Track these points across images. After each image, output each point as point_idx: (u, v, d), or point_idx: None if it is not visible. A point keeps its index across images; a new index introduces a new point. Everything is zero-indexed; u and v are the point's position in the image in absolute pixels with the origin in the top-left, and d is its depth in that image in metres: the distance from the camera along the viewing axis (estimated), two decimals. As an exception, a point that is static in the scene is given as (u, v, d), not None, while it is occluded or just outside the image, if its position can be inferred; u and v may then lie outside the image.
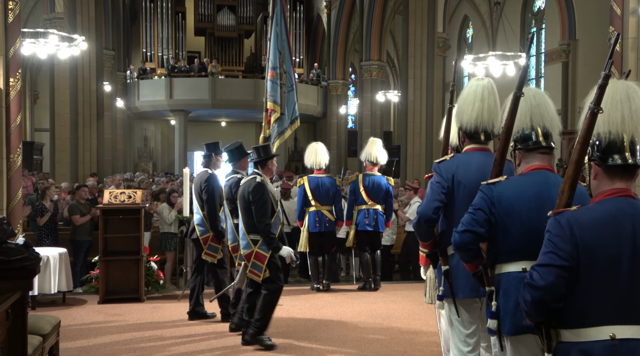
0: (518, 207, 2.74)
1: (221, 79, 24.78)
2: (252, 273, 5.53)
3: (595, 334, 2.15)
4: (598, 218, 2.20)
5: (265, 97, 7.49)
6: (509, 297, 2.73)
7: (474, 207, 2.81)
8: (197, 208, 6.52)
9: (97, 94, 19.20)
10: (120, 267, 7.49)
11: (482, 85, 3.46)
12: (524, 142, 2.85)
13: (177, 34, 27.08)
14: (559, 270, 2.16)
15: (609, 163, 2.23)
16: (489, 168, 3.13)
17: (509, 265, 2.77)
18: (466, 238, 2.78)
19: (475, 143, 3.53)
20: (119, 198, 7.56)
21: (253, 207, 5.44)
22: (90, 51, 17.77)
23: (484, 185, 2.85)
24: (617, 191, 2.24)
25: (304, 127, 30.24)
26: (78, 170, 18.34)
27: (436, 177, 3.51)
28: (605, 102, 2.21)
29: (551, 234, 2.22)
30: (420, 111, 18.16)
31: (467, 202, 3.33)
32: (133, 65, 25.95)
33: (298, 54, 28.08)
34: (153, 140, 28.69)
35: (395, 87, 28.65)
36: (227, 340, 5.86)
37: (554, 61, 19.09)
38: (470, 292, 3.38)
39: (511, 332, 2.72)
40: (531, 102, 2.85)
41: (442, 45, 18.53)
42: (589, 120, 2.21)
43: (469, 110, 3.44)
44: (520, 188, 2.79)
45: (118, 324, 6.42)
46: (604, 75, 2.17)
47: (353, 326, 6.40)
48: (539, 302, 2.19)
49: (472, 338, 3.51)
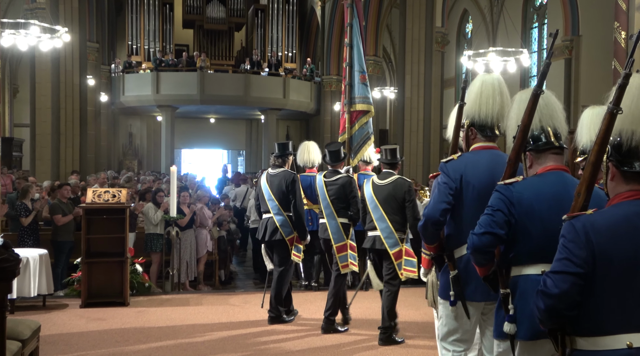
0: (538, 208, 2.74)
1: (210, 74, 24.72)
2: (407, 271, 5.79)
3: (612, 343, 2.14)
4: (614, 222, 2.19)
5: (348, 100, 7.93)
6: (526, 300, 2.72)
7: (492, 208, 2.78)
8: (278, 208, 6.56)
9: (80, 88, 19.09)
10: (104, 269, 7.45)
11: (498, 78, 3.50)
12: (535, 143, 2.86)
13: (165, 26, 26.98)
14: (573, 277, 2.16)
15: (625, 169, 2.22)
16: (499, 168, 3.13)
17: (528, 267, 2.76)
18: (485, 240, 2.75)
19: (485, 141, 3.53)
20: (102, 197, 7.52)
21: (409, 204, 5.80)
22: (73, 43, 17.67)
23: (501, 185, 2.84)
24: (634, 193, 2.23)
25: (296, 124, 30.25)
26: (60, 167, 18.25)
27: (443, 177, 3.49)
28: (631, 99, 2.19)
29: (566, 239, 2.21)
30: (417, 109, 18.18)
31: (476, 204, 3.34)
32: (118, 59, 25.83)
33: (291, 49, 28.07)
34: (139, 136, 28.57)
35: (392, 84, 28.65)
36: (212, 340, 5.85)
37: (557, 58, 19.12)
38: (480, 296, 3.39)
39: (527, 337, 2.71)
40: (540, 102, 2.84)
41: (440, 41, 18.57)
42: (608, 121, 2.19)
43: (489, 104, 3.45)
44: (539, 189, 2.78)
45: (101, 329, 6.38)
46: (625, 74, 2.15)
47: (347, 332, 6.38)
48: (552, 310, 2.18)
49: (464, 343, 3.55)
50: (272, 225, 6.57)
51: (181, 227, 9.13)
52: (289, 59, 27.99)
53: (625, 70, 2.16)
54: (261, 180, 6.85)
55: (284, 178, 6.58)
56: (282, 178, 6.59)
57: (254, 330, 6.44)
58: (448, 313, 3.54)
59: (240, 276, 11.82)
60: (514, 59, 15.36)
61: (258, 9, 27.63)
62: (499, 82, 3.49)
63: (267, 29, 27.57)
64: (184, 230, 9.30)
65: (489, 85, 3.47)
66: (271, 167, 6.89)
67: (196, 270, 9.78)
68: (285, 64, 27.38)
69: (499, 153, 3.51)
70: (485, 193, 3.17)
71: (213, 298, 8.10)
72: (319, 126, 27.04)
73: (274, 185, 6.60)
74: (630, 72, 2.16)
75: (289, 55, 28.01)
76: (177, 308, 7.40)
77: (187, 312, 7.19)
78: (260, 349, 5.77)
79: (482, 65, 15.24)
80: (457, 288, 3.43)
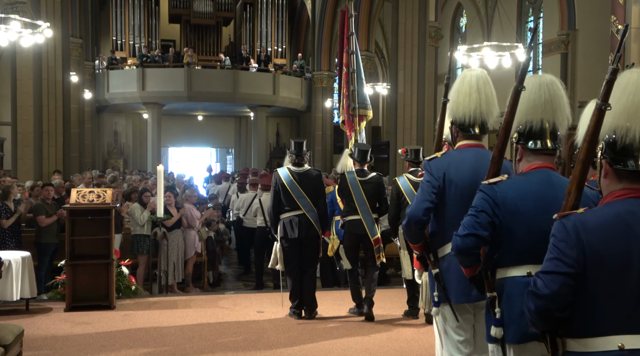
0: (523, 209, 2.74)
1: (198, 70, 24.67)
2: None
3: (603, 344, 2.15)
4: (605, 221, 2.19)
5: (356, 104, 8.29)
6: (513, 303, 2.73)
7: (476, 209, 2.78)
8: (310, 206, 6.95)
9: (63, 85, 18.97)
10: (89, 272, 7.43)
11: (477, 75, 3.47)
12: (529, 140, 2.85)
13: (150, 21, 26.90)
14: (564, 277, 2.16)
15: (618, 167, 2.22)
16: (483, 166, 3.13)
17: (513, 269, 2.77)
18: (469, 242, 2.76)
19: (469, 139, 3.54)
20: (87, 197, 7.49)
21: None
22: (55, 39, 17.58)
23: (484, 184, 2.84)
24: (627, 192, 2.22)
25: (286, 121, 30.22)
26: (42, 167, 18.14)
27: (426, 175, 3.51)
28: (627, 96, 2.19)
29: (556, 239, 2.21)
30: (410, 105, 18.21)
31: (459, 202, 3.36)
32: (102, 55, 25.73)
33: (280, 44, 28.06)
34: (124, 135, 28.47)
35: (385, 80, 28.73)
36: (201, 344, 5.84)
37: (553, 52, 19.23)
38: (462, 297, 3.40)
39: (516, 340, 2.72)
40: (538, 94, 2.84)
41: (434, 35, 18.59)
42: (596, 117, 2.20)
43: (465, 102, 3.44)
44: (523, 189, 2.78)
45: (86, 333, 6.36)
46: (612, 70, 2.16)
47: (339, 334, 6.40)
48: (543, 311, 2.18)
49: (465, 345, 3.52)
50: (306, 221, 6.92)
51: (168, 227, 9.11)
52: (278, 54, 27.98)
53: (613, 65, 2.17)
54: (283, 178, 7.00)
55: (315, 176, 7.09)
56: (312, 176, 7.05)
57: (244, 332, 6.44)
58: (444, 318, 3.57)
59: (229, 278, 11.81)
60: (509, 53, 15.40)
61: (246, 3, 27.61)
62: (478, 78, 3.46)
63: (255, 23, 27.55)
64: (171, 230, 9.27)
65: (467, 83, 3.46)
66: (292, 165, 7.09)
67: (184, 272, 9.76)
68: (274, 59, 27.36)
69: (484, 151, 3.52)
70: (468, 192, 3.19)
71: (202, 300, 8.09)
72: (309, 123, 27.04)
73: (304, 182, 6.96)
74: (617, 68, 2.16)
75: (278, 51, 28.00)
76: (165, 311, 7.39)
77: (175, 315, 7.18)
78: (250, 352, 5.77)
79: (477, 60, 15.28)
80: (441, 287, 3.46)
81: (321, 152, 25.53)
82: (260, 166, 24.11)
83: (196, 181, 18.44)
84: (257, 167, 23.75)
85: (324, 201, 7.18)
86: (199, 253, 10.12)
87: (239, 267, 12.55)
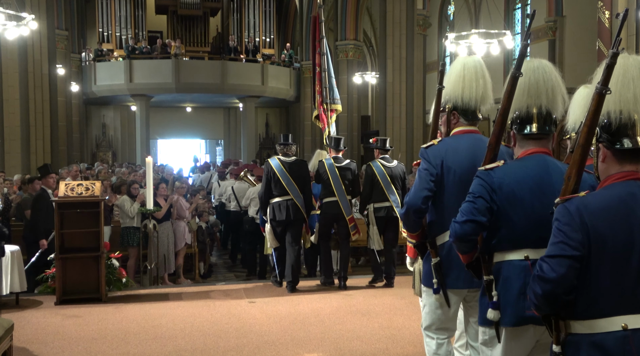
0: (520, 194, 2.76)
1: (185, 61, 24.53)
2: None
3: (607, 325, 2.18)
4: (608, 203, 2.21)
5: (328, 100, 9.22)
6: (509, 286, 2.76)
7: (473, 195, 2.80)
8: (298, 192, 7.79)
9: (50, 78, 18.83)
10: (79, 265, 7.40)
11: (479, 61, 3.52)
12: (524, 125, 2.86)
13: (137, 13, 26.69)
14: (570, 260, 2.18)
15: (617, 147, 2.24)
16: (480, 152, 3.14)
17: (510, 253, 2.79)
18: (468, 228, 2.78)
19: (467, 125, 3.55)
20: (75, 190, 7.45)
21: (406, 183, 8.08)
22: (41, 31, 17.40)
23: (481, 170, 2.86)
24: (627, 174, 2.25)
25: (275, 112, 30.14)
26: (30, 160, 18.02)
27: (424, 163, 3.49)
28: (616, 80, 2.21)
29: (560, 223, 2.23)
30: (400, 94, 18.21)
31: (457, 189, 3.36)
32: (89, 47, 25.53)
33: (268, 34, 27.92)
34: (112, 127, 28.29)
35: (373, 69, 28.64)
36: (192, 335, 5.84)
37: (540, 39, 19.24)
38: (462, 283, 3.41)
39: (512, 323, 2.75)
40: (529, 79, 2.84)
41: (422, 23, 18.57)
42: (596, 102, 2.21)
43: (472, 87, 3.45)
44: (520, 174, 2.80)
45: (77, 326, 6.35)
46: (612, 54, 2.17)
47: (331, 323, 6.42)
48: (551, 295, 2.20)
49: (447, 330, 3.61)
50: (294, 206, 7.77)
51: (158, 219, 9.08)
52: (266, 44, 27.85)
53: (613, 49, 2.17)
54: (275, 167, 7.82)
55: (302, 166, 8.04)
56: (300, 166, 7.98)
57: (236, 323, 6.44)
58: (432, 301, 3.57)
59: (220, 269, 11.81)
60: (497, 41, 15.39)
61: (234, -7, 27.44)
62: (480, 64, 3.50)
63: (243, 13, 27.39)
64: (161, 222, 9.25)
65: (472, 68, 3.47)
66: (282, 155, 7.97)
67: (175, 264, 9.75)
68: (263, 49, 27.23)
69: (480, 137, 3.53)
70: (466, 179, 3.19)
71: (193, 291, 8.09)
72: (299, 113, 26.99)
73: (292, 171, 7.82)
74: (617, 51, 2.17)
75: (266, 41, 27.87)
76: (156, 303, 7.38)
77: (166, 307, 7.17)
78: (242, 343, 5.78)
79: (465, 48, 15.26)
80: (440, 276, 3.46)
81: (311, 141, 25.49)
82: (250, 157, 24.06)
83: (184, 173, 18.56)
84: (247, 157, 23.73)
85: (309, 188, 7.99)
86: (189, 245, 10.11)
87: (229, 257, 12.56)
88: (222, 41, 27.80)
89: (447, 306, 3.50)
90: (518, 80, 2.82)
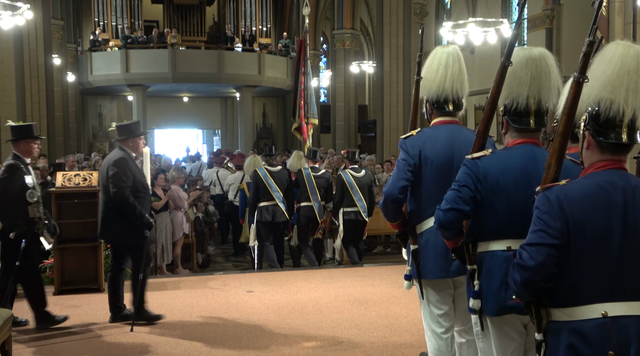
0: (504, 184, 2.77)
1: (182, 51, 24.45)
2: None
3: (587, 312, 2.19)
4: (587, 192, 2.22)
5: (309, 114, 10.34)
6: (492, 276, 2.79)
7: (459, 183, 2.82)
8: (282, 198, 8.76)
9: (46, 68, 18.76)
10: (77, 255, 7.40)
11: (447, 52, 3.51)
12: (514, 117, 2.85)
13: (132, 2, 26.51)
14: (548, 248, 2.19)
15: (601, 139, 2.23)
16: (459, 142, 3.18)
17: (493, 243, 2.81)
18: (451, 216, 2.81)
19: (443, 116, 3.57)
20: (73, 180, 7.44)
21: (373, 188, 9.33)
22: (36, 21, 17.33)
23: (468, 159, 2.86)
24: (608, 163, 2.25)
25: (272, 101, 30.08)
26: (27, 151, 17.96)
27: (402, 154, 3.55)
28: (612, 69, 2.20)
29: (540, 211, 2.24)
30: (397, 83, 18.18)
31: (435, 179, 3.41)
32: (84, 37, 25.40)
33: (265, 23, 27.80)
34: (109, 117, 28.19)
35: (370, 58, 28.59)
36: (190, 325, 5.87)
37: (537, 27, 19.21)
38: (439, 272, 3.46)
39: (494, 312, 2.78)
40: (531, 71, 2.82)
41: (419, 12, 18.50)
42: (574, 90, 2.22)
43: (434, 79, 3.49)
44: (506, 164, 2.81)
45: (76, 316, 6.36)
46: (588, 42, 2.17)
47: (329, 312, 6.45)
48: (529, 283, 2.22)
49: (445, 319, 3.60)
50: (279, 210, 8.72)
51: (156, 210, 9.07)
52: (263, 33, 27.73)
53: (589, 37, 2.18)
54: (262, 176, 8.70)
55: (286, 175, 8.97)
56: (284, 175, 8.92)
57: (234, 312, 6.47)
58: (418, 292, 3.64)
59: (218, 259, 11.83)
60: (494, 29, 15.36)
61: (230, -18, 27.29)
62: (448, 54, 3.49)
63: (239, 2, 27.25)
64: (159, 213, 9.25)
65: (436, 60, 3.50)
66: (268, 165, 8.99)
67: (173, 254, 9.76)
68: (259, 39, 27.13)
69: (459, 127, 3.55)
70: (444, 169, 3.27)
71: (191, 281, 8.10)
72: (296, 103, 26.89)
73: (278, 179, 8.77)
74: (594, 40, 2.18)
75: (263, 30, 27.75)
76: (154, 292, 7.37)
77: (164, 296, 7.19)
78: (240, 332, 5.81)
79: (462, 37, 15.23)
80: (416, 264, 3.52)
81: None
82: (248, 146, 24.02)
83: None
84: (244, 147, 23.71)
85: (292, 194, 8.97)
86: (187, 235, 10.12)
87: (227, 248, 12.59)
88: (218, 30, 27.68)
89: (425, 296, 3.55)
90: (507, 69, 2.81)
